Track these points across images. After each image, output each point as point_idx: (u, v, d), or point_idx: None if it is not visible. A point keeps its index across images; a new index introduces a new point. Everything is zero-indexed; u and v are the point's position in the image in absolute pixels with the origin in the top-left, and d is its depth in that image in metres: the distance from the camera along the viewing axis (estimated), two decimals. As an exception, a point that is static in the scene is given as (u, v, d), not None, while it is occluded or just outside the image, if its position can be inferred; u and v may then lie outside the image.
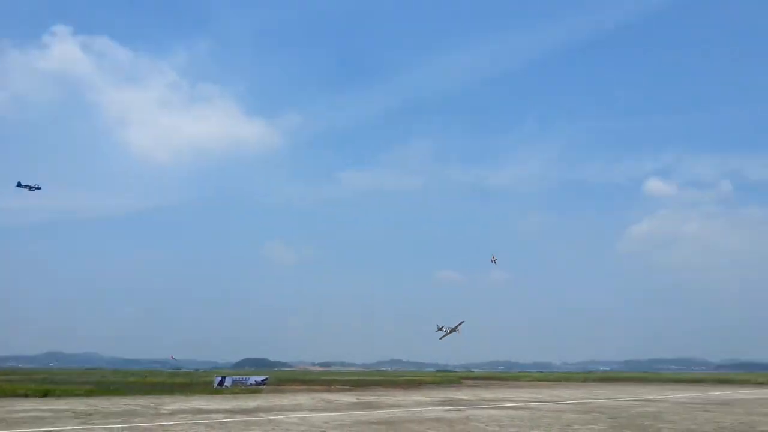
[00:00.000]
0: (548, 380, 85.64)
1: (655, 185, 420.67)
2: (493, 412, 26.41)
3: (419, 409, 27.85)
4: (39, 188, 54.68)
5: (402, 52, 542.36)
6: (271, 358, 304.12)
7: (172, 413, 24.27)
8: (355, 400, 34.22)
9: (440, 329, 60.41)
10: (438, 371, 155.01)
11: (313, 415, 24.07)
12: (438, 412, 26.02)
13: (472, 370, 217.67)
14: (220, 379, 47.75)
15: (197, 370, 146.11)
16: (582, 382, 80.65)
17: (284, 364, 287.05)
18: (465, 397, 38.53)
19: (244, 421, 21.20)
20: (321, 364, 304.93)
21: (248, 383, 48.83)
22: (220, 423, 20.35)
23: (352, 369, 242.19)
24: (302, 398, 35.97)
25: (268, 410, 26.32)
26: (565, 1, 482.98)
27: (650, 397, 39.99)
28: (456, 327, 60.55)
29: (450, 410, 27.01)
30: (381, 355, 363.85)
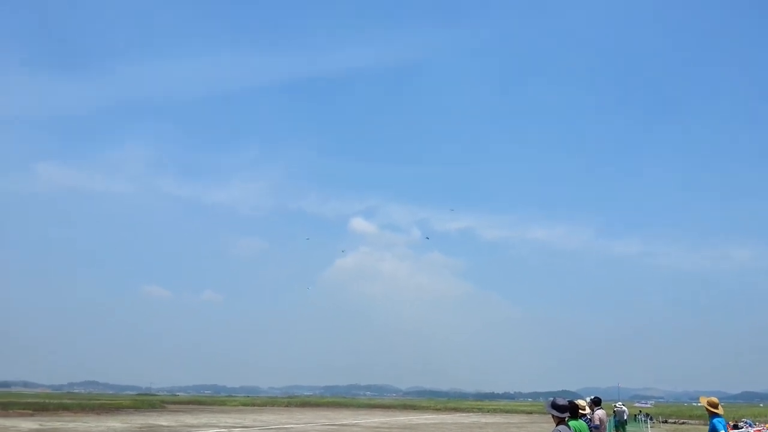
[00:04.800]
0: (255, 404, 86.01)
1: (359, 224, 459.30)
2: (195, 438, 25.76)
3: (114, 436, 25.91)
4: None
5: (122, 45, 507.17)
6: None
7: None
8: (37, 427, 30.47)
9: None
10: (139, 395, 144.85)
11: (-17, 445, 20.88)
12: (135, 439, 24.53)
13: (177, 393, 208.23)
14: None
15: None
16: (286, 406, 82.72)
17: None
18: (166, 424, 36.84)
19: None
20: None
21: None
22: None
23: (37, 390, 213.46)
24: (-32, 425, 30.86)
25: None
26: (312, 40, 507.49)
27: (345, 422, 42.80)
28: None
29: (149, 437, 25.65)
30: (73, 376, 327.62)
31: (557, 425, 7.25)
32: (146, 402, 75.51)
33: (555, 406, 7.30)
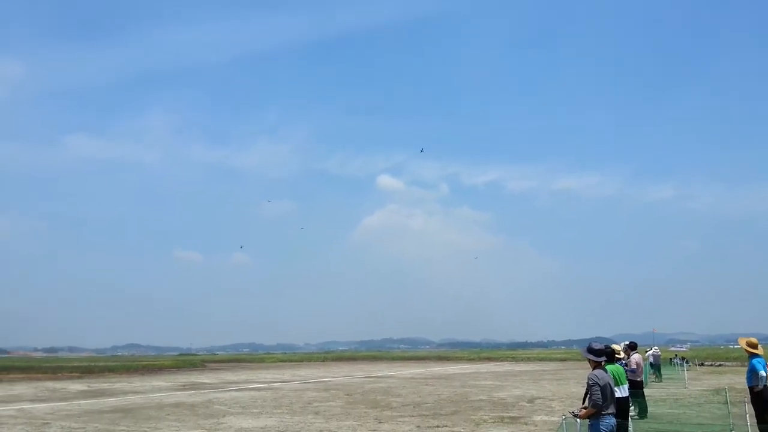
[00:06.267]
0: (292, 361, 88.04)
1: (386, 181, 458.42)
2: (236, 394, 26.50)
3: (158, 394, 26.78)
4: None
5: (144, 11, 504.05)
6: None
7: None
8: (86, 388, 31.63)
9: None
10: (180, 355, 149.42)
11: (35, 405, 21.74)
12: (179, 396, 25.32)
13: (216, 353, 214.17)
14: None
15: None
16: (322, 361, 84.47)
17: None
18: (208, 381, 37.96)
19: (-55, 417, 18.35)
20: (46, 350, 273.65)
21: (-50, 374, 42.05)
22: None
23: (83, 354, 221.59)
24: (21, 388, 32.17)
25: (-24, 403, 23.08)
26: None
27: (381, 374, 43.55)
28: None
29: (191, 394, 26.45)
30: (116, 340, 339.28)
31: (594, 369, 7.20)
32: (187, 362, 77.76)
33: (591, 350, 7.24)
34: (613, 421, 7.03)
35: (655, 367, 31.53)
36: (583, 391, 7.94)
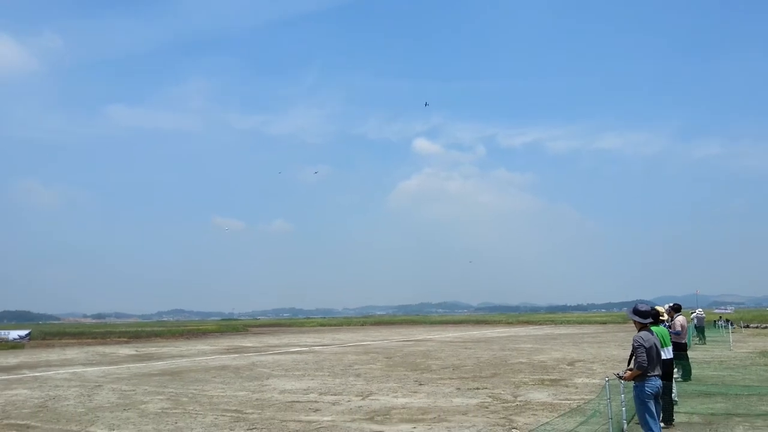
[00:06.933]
0: (331, 325, 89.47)
1: (422, 144, 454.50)
2: (278, 357, 27.07)
3: (204, 358, 27.54)
4: None
5: None
6: (35, 311, 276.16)
7: None
8: (134, 352, 32.72)
9: None
10: (223, 320, 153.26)
11: (87, 369, 22.60)
12: (223, 360, 25.99)
13: (258, 318, 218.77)
14: (-30, 335, 42.35)
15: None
16: (361, 325, 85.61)
17: (51, 317, 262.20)
18: (250, 344, 38.87)
19: (5, 379, 19.22)
20: (94, 316, 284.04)
21: (8, 338, 43.94)
22: (-26, 383, 18.21)
23: (130, 320, 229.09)
24: (73, 352, 33.46)
25: (33, 366, 24.10)
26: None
27: (420, 338, 43.93)
28: None
29: (235, 357, 27.12)
30: (161, 305, 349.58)
31: (639, 331, 7.07)
32: (230, 326, 79.71)
33: (637, 312, 7.10)
34: (659, 382, 6.92)
35: (699, 329, 30.99)
36: (624, 353, 7.83)
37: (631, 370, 7.02)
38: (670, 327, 13.26)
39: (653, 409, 6.88)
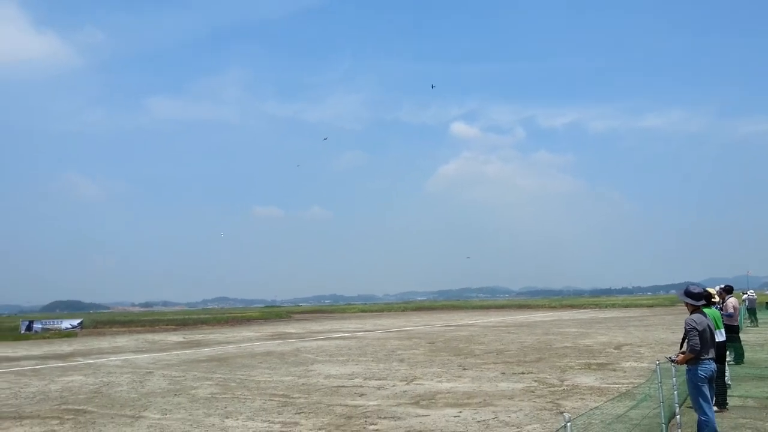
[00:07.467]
0: (372, 311, 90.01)
1: (460, 128, 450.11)
2: (321, 342, 27.38)
3: (249, 344, 28.04)
4: None
5: None
6: (85, 300, 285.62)
7: (-27, 363, 22.10)
8: (182, 339, 33.52)
9: None
10: (266, 307, 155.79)
11: (137, 356, 23.26)
12: (268, 346, 26.42)
13: (300, 304, 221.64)
14: (27, 323, 43.91)
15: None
16: (402, 311, 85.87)
17: (100, 306, 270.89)
18: (294, 331, 39.40)
19: (61, 366, 19.93)
20: (141, 305, 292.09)
21: (61, 327, 45.52)
22: (32, 370, 18.95)
23: (176, 309, 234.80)
24: (123, 340, 34.47)
25: (86, 354, 24.92)
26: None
27: (462, 323, 43.83)
28: None
29: (280, 344, 27.54)
30: (206, 294, 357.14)
31: (691, 313, 6.89)
32: (273, 313, 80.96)
33: (689, 293, 6.92)
34: (712, 366, 6.74)
35: (751, 311, 30.13)
36: (673, 337, 7.65)
37: (683, 353, 6.85)
38: (721, 309, 12.92)
39: (707, 392, 6.71)
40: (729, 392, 9.78)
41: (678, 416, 7.81)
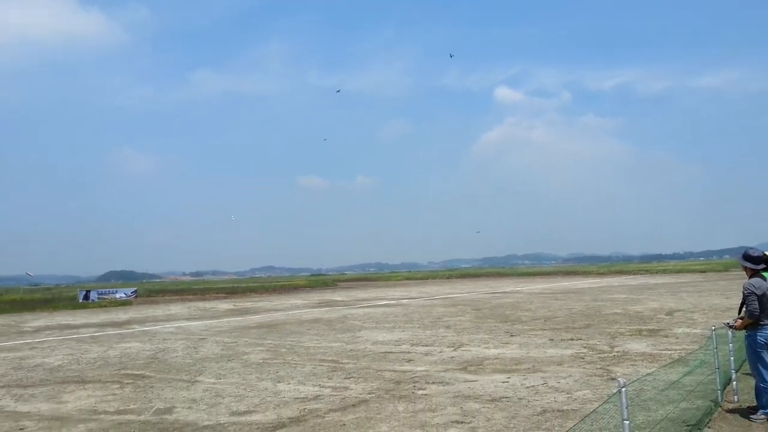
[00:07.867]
0: (417, 278, 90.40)
1: (504, 93, 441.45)
2: (368, 310, 27.69)
3: (297, 311, 28.56)
4: None
5: None
6: (138, 270, 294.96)
7: (37, 330, 23.16)
8: (232, 307, 34.37)
9: None
10: (312, 275, 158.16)
11: (190, 323, 23.96)
12: (315, 313, 26.86)
13: (345, 273, 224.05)
14: (84, 293, 45.74)
15: (58, 285, 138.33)
16: (447, 279, 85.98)
17: (152, 276, 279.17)
18: (340, 298, 39.93)
19: (118, 333, 20.71)
20: (192, 274, 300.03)
21: (116, 296, 47.25)
22: (92, 337, 19.74)
23: (225, 277, 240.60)
24: (176, 308, 35.53)
25: (141, 321, 25.82)
26: None
27: (508, 290, 43.64)
28: None
29: (327, 311, 27.97)
30: (253, 263, 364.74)
31: (750, 278, 6.67)
32: (320, 281, 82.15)
33: (748, 257, 6.69)
34: (772, 331, 6.53)
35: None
36: (727, 302, 7.43)
37: (741, 318, 6.66)
38: (780, 274, 12.45)
39: (766, 358, 6.53)
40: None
41: (734, 382, 7.64)
